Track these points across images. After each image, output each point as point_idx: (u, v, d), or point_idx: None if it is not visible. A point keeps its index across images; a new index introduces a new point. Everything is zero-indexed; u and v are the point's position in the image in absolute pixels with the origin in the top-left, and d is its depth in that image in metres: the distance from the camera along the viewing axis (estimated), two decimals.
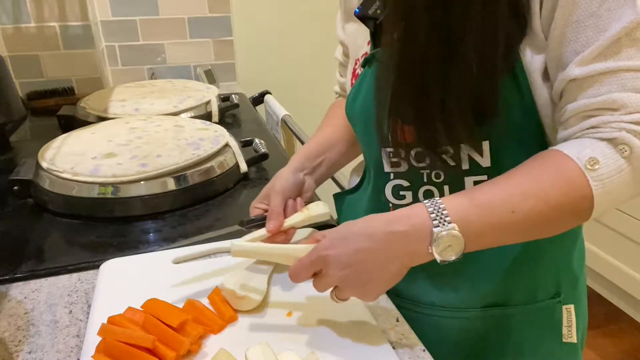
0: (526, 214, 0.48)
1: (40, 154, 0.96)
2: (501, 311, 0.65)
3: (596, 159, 0.47)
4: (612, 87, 0.47)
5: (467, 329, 0.67)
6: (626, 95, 0.46)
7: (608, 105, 0.47)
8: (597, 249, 2.00)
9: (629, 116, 0.46)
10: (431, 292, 0.67)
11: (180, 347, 0.53)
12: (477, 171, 0.58)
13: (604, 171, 0.47)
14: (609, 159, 0.47)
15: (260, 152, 1.06)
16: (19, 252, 0.77)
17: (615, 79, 0.47)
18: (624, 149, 0.47)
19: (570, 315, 0.66)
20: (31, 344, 0.59)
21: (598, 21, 0.47)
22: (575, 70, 0.48)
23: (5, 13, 1.45)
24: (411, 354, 0.57)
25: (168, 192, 0.90)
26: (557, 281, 0.65)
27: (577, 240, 0.68)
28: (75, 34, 1.53)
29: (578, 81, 0.49)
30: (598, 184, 0.47)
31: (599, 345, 1.87)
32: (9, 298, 0.67)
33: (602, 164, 0.47)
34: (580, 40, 0.48)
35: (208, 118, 1.32)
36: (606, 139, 0.47)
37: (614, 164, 0.47)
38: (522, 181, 0.49)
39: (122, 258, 0.73)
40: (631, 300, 1.96)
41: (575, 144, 0.49)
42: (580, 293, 0.69)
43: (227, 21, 1.79)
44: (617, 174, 0.47)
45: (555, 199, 0.48)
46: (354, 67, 0.72)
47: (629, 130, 0.46)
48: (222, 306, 0.60)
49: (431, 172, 0.60)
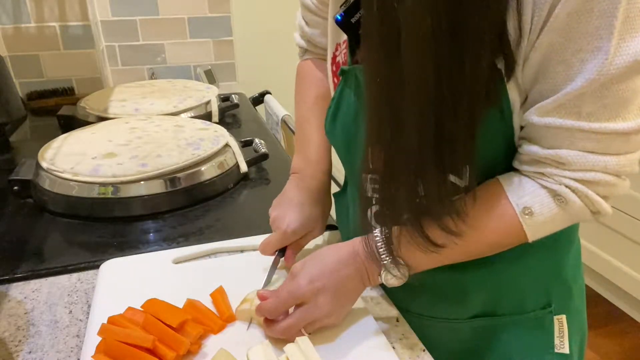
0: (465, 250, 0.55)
1: (40, 154, 0.96)
2: (490, 321, 0.64)
3: (531, 209, 0.51)
4: (563, 143, 0.48)
5: (456, 339, 0.66)
6: (573, 153, 0.48)
7: (555, 159, 0.49)
8: (597, 249, 2.00)
9: (571, 173, 0.49)
10: (419, 303, 0.66)
11: (180, 347, 0.53)
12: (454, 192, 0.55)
13: (539, 219, 0.51)
14: (544, 207, 0.51)
15: (260, 152, 1.06)
16: (19, 252, 0.77)
17: (568, 135, 0.47)
18: (561, 199, 0.50)
19: (562, 325, 0.65)
20: (31, 344, 0.59)
21: (568, 70, 0.45)
22: (534, 118, 0.49)
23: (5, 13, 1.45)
24: (411, 354, 0.57)
25: (168, 192, 0.90)
26: (547, 291, 0.64)
27: (571, 250, 0.67)
28: (75, 34, 1.53)
29: (535, 127, 0.50)
30: (532, 228, 0.51)
31: (600, 345, 1.87)
32: (9, 298, 0.67)
33: (537, 213, 0.51)
34: (548, 84, 0.47)
35: (208, 118, 1.32)
36: (547, 188, 0.50)
37: (549, 212, 0.51)
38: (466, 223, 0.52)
39: (122, 258, 0.73)
40: (631, 300, 1.96)
41: (518, 188, 0.52)
42: (575, 302, 0.67)
43: (227, 21, 1.79)
44: (551, 221, 0.51)
45: (494, 240, 0.54)
46: (334, 53, 0.65)
47: (568, 185, 0.49)
48: (223, 305, 0.60)
49: None
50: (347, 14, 0.56)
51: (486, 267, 0.61)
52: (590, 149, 0.47)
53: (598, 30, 0.42)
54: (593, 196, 0.49)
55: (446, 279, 0.63)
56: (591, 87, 0.44)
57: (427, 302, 0.66)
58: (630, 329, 1.95)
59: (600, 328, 1.94)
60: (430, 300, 0.65)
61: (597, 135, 0.46)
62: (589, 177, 0.48)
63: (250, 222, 0.86)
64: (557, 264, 0.65)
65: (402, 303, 0.67)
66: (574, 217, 0.52)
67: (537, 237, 0.52)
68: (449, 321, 0.65)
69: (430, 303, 0.65)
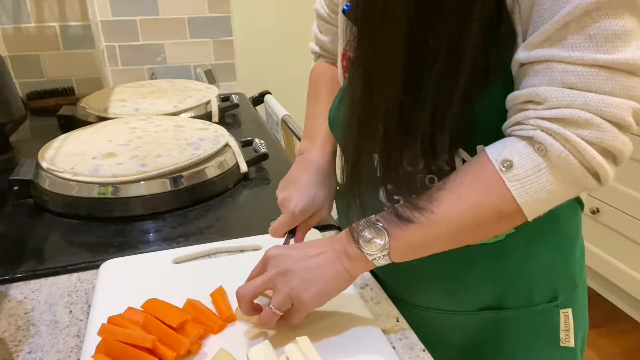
0: (445, 215, 0.50)
1: (40, 154, 0.96)
2: (497, 314, 0.64)
3: (510, 161, 0.46)
4: (543, 79, 0.45)
5: (463, 332, 0.66)
6: (550, 89, 0.44)
7: (533, 97, 0.45)
8: (597, 249, 2.00)
9: (546, 111, 0.45)
10: (426, 295, 0.66)
11: (180, 347, 0.53)
12: None
13: (520, 171, 0.46)
14: (524, 159, 0.46)
15: (260, 152, 1.06)
16: (19, 252, 0.77)
17: (548, 70, 0.44)
18: (540, 147, 0.46)
19: (568, 319, 0.65)
20: (31, 344, 0.59)
21: (555, 3, 0.43)
22: (520, 54, 0.47)
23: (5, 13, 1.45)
24: (411, 354, 0.57)
25: (168, 192, 0.90)
26: (554, 285, 0.64)
27: (577, 244, 0.67)
28: (75, 34, 1.53)
29: (522, 68, 0.47)
30: (516, 184, 0.46)
31: (599, 345, 1.87)
32: (9, 298, 0.67)
33: (517, 164, 0.46)
34: (536, 22, 0.45)
35: (208, 118, 1.32)
36: (525, 138, 0.47)
37: (531, 163, 0.46)
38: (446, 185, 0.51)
39: (122, 258, 0.73)
40: (631, 300, 1.96)
41: (498, 144, 0.49)
42: (579, 297, 0.68)
43: (227, 21, 1.79)
44: (535, 174, 0.46)
45: (474, 200, 0.49)
46: (344, 49, 0.67)
47: (544, 128, 0.45)
48: (223, 305, 0.60)
49: (425, 177, 0.59)
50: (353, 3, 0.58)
51: (495, 259, 0.61)
52: (569, 84, 0.44)
53: None
54: (576, 140, 0.44)
55: (455, 271, 0.63)
56: (575, 14, 0.42)
57: (434, 295, 0.66)
58: (630, 329, 1.95)
59: (600, 328, 1.94)
60: (438, 292, 0.65)
61: (577, 67, 0.43)
62: (566, 114, 0.44)
63: (250, 222, 0.86)
64: (564, 257, 0.65)
65: (408, 297, 0.67)
66: (565, 173, 0.46)
67: (526, 198, 0.47)
68: (456, 314, 0.65)
69: (438, 295, 0.65)
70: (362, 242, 0.53)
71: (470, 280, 0.63)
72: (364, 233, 0.53)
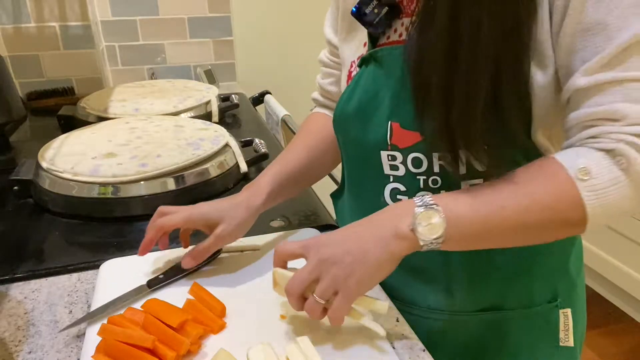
0: (515, 210, 0.48)
1: (40, 154, 0.96)
2: (497, 315, 0.64)
3: (588, 170, 0.46)
4: (616, 97, 0.45)
5: (463, 333, 0.66)
6: (629, 105, 0.45)
7: (609, 115, 0.46)
8: (597, 249, 2.00)
9: (629, 127, 0.45)
10: (427, 296, 0.66)
11: (180, 347, 0.53)
12: (474, 175, 0.57)
13: (597, 182, 0.46)
14: (603, 169, 0.46)
15: (260, 152, 1.06)
16: (19, 252, 0.77)
17: (620, 89, 0.45)
18: (621, 160, 0.45)
19: (568, 319, 0.65)
20: (31, 344, 0.59)
21: (606, 29, 0.45)
22: (581, 80, 0.47)
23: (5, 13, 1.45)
24: (411, 354, 0.57)
25: (168, 192, 0.90)
26: (553, 285, 0.65)
27: (575, 243, 0.67)
28: (75, 34, 1.53)
29: (583, 90, 0.48)
30: (591, 195, 0.46)
31: (599, 345, 1.87)
32: (9, 298, 0.67)
33: (594, 174, 0.46)
34: (589, 48, 0.47)
35: (208, 118, 1.32)
36: (604, 150, 0.46)
37: (609, 175, 0.46)
38: (515, 181, 0.49)
39: (122, 258, 0.73)
40: (631, 300, 1.95)
41: (571, 153, 0.48)
42: (578, 296, 0.68)
43: (227, 21, 1.79)
44: (613, 186, 0.46)
45: (546, 202, 0.47)
46: (349, 70, 0.69)
47: (628, 142, 0.45)
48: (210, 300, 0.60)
49: (428, 178, 0.59)
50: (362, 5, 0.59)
51: (495, 260, 0.61)
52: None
53: None
54: None
55: (456, 271, 0.63)
56: (635, 40, 0.44)
57: (434, 296, 0.66)
58: (630, 329, 1.95)
59: (599, 328, 1.94)
60: (438, 293, 0.65)
61: None
62: None
63: None
64: (563, 257, 0.65)
65: (408, 297, 0.67)
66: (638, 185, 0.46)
67: (596, 211, 0.46)
68: (456, 314, 0.65)
69: (438, 296, 0.65)
70: (417, 224, 0.49)
71: (470, 281, 0.63)
72: (418, 214, 0.49)
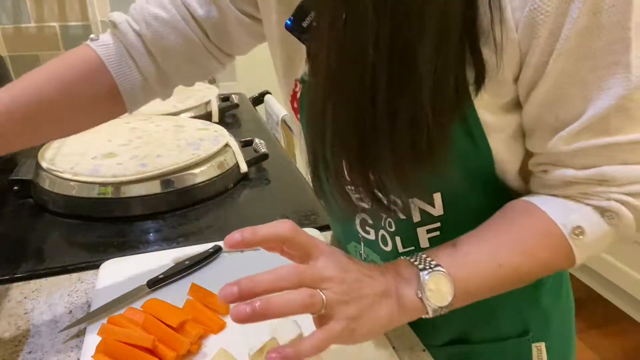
0: (514, 268, 0.48)
1: (40, 154, 0.96)
2: (465, 348, 0.62)
3: (582, 229, 0.46)
4: (602, 160, 0.45)
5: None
6: (614, 168, 0.45)
7: (597, 178, 0.46)
8: None
9: (619, 188, 0.46)
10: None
11: (180, 347, 0.53)
12: (429, 221, 0.54)
13: (589, 239, 0.47)
14: (595, 226, 0.47)
15: (260, 152, 1.06)
16: (19, 252, 0.77)
17: (604, 152, 0.45)
18: (611, 216, 0.46)
19: (541, 352, 0.62)
20: (31, 344, 0.59)
21: (585, 90, 0.43)
22: (561, 148, 0.46)
23: (5, 13, 1.45)
24: (411, 354, 0.57)
25: (168, 192, 0.90)
26: (523, 319, 0.61)
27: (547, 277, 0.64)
28: (75, 34, 1.53)
29: (564, 154, 0.47)
30: (581, 249, 0.47)
31: (599, 345, 1.87)
32: (9, 298, 0.67)
33: (587, 232, 0.47)
34: (565, 108, 0.45)
35: (208, 118, 1.32)
36: (592, 206, 0.47)
37: (600, 231, 0.47)
38: (509, 237, 0.49)
39: (122, 258, 0.73)
40: (631, 300, 1.96)
41: (560, 207, 0.48)
42: (555, 328, 0.64)
43: None
44: (601, 240, 0.47)
45: (542, 259, 0.48)
46: (293, 90, 0.62)
47: (618, 200, 0.46)
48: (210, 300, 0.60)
49: (385, 220, 0.57)
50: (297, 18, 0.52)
51: None
52: (632, 161, 0.45)
53: (611, 45, 0.40)
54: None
55: None
56: (618, 104, 0.42)
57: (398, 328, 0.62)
58: (630, 329, 1.95)
59: (600, 328, 1.94)
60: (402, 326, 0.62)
61: (634, 145, 0.44)
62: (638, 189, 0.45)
63: (250, 222, 0.85)
64: (532, 288, 0.60)
65: None
66: (621, 234, 0.48)
67: (584, 259, 0.48)
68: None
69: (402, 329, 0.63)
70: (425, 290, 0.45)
71: None
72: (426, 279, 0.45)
